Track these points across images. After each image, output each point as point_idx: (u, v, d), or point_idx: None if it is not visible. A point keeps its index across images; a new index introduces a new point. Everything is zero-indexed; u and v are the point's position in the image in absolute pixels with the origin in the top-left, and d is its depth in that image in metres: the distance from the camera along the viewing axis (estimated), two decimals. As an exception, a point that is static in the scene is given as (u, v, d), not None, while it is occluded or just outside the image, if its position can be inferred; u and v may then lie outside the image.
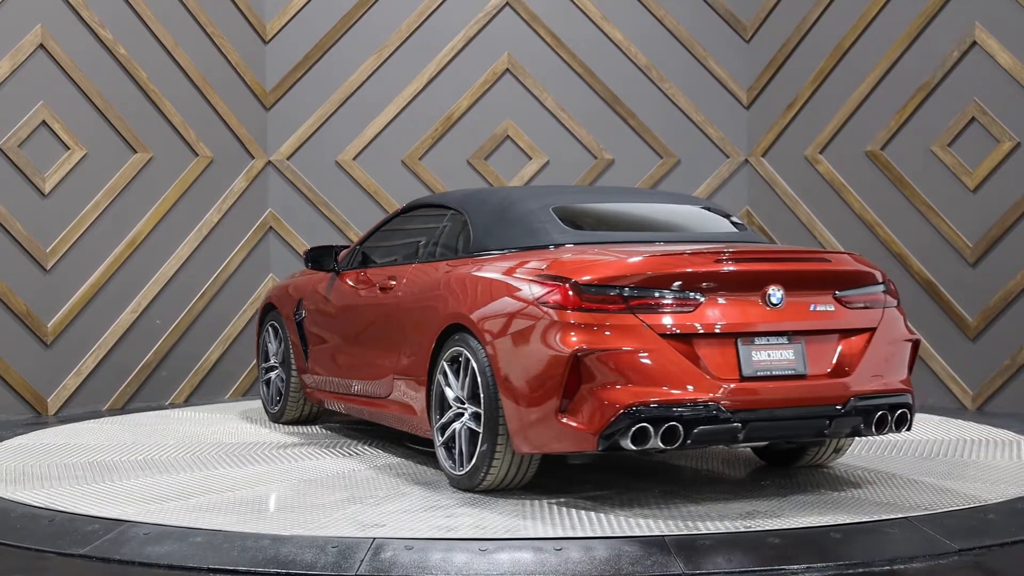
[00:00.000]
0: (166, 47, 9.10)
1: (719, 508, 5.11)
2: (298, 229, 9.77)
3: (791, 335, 5.10)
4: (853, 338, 5.22)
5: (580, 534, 4.66)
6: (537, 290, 5.10)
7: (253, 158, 9.69)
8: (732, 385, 4.92)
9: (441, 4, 9.79)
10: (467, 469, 5.41)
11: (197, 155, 9.28)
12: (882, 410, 5.15)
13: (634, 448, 4.83)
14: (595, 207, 6.21)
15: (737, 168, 9.89)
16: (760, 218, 9.80)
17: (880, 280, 5.39)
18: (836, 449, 5.90)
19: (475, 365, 5.31)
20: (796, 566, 4.28)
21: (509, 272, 5.37)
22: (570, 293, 4.98)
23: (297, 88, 9.79)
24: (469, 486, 5.43)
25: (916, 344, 5.44)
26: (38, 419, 8.19)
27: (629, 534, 4.66)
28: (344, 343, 6.87)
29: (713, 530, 4.71)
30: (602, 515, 4.98)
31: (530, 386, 5.02)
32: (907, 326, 5.45)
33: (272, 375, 7.87)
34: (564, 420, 4.93)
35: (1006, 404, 8.32)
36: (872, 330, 5.25)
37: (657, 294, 4.97)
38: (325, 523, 4.87)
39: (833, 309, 5.20)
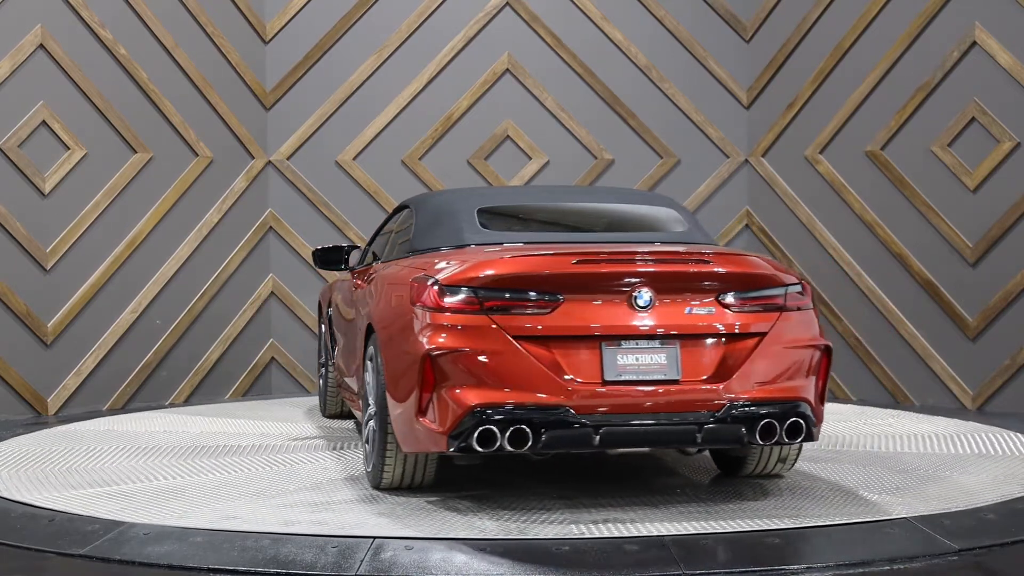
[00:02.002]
0: (166, 47, 9.10)
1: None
2: (298, 229, 9.78)
3: (664, 339, 4.91)
4: (740, 343, 4.98)
5: (578, 535, 4.66)
6: (413, 291, 5.12)
7: (253, 158, 9.69)
8: (587, 389, 4.80)
9: (441, 4, 9.79)
10: (371, 467, 5.50)
11: (197, 155, 9.28)
12: (767, 418, 4.88)
13: (482, 450, 4.77)
14: (528, 207, 6.21)
15: (737, 168, 9.89)
16: (760, 218, 9.80)
17: (777, 283, 5.10)
18: (781, 459, 5.62)
19: (377, 365, 5.40)
20: (796, 566, 4.28)
21: (402, 274, 5.42)
22: (435, 294, 4.96)
23: (297, 88, 9.80)
24: (375, 483, 5.49)
25: (825, 350, 5.15)
26: (38, 419, 8.19)
27: (629, 534, 4.66)
28: (343, 341, 6.97)
29: (713, 530, 4.71)
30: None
31: (400, 386, 5.07)
32: (817, 331, 5.17)
33: (323, 371, 8.13)
34: (422, 420, 4.92)
35: (1006, 404, 8.32)
36: (762, 334, 5.00)
37: (510, 295, 4.89)
38: (186, 513, 5.02)
39: (714, 312, 4.98)
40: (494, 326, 4.85)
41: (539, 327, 4.86)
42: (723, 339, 4.98)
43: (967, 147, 8.47)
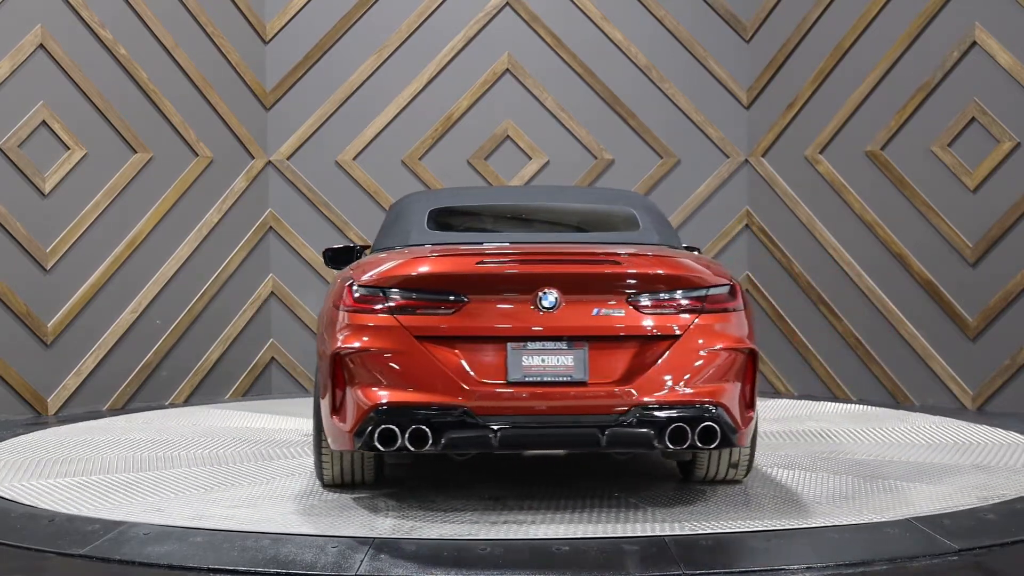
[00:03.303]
0: (166, 47, 9.10)
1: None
2: (298, 229, 9.78)
3: (572, 340, 4.87)
4: (652, 345, 4.89)
5: (579, 535, 4.67)
6: (336, 292, 5.21)
7: (253, 158, 9.69)
8: (487, 390, 4.80)
9: (441, 4, 9.79)
10: (314, 464, 5.61)
11: (197, 155, 9.29)
12: (677, 422, 4.79)
13: (383, 449, 4.83)
14: (484, 207, 6.23)
15: (737, 168, 9.89)
16: (760, 218, 9.79)
17: (695, 285, 4.98)
18: (732, 464, 5.49)
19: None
20: (796, 566, 4.28)
21: (343, 274, 5.49)
22: (350, 294, 5.02)
23: (297, 88, 9.80)
24: (321, 481, 5.57)
25: (750, 354, 5.00)
26: (38, 419, 8.19)
27: (629, 534, 4.66)
28: None
29: (713, 530, 4.71)
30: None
31: (322, 384, 5.16)
32: (744, 335, 5.01)
33: None
34: (334, 418, 5.00)
35: (1006, 404, 8.32)
36: (676, 337, 4.90)
37: (414, 296, 4.93)
38: (113, 504, 5.21)
39: (624, 314, 4.91)
40: (399, 326, 4.90)
41: (443, 327, 4.89)
42: (635, 341, 4.91)
43: (967, 147, 8.47)
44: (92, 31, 8.67)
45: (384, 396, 4.83)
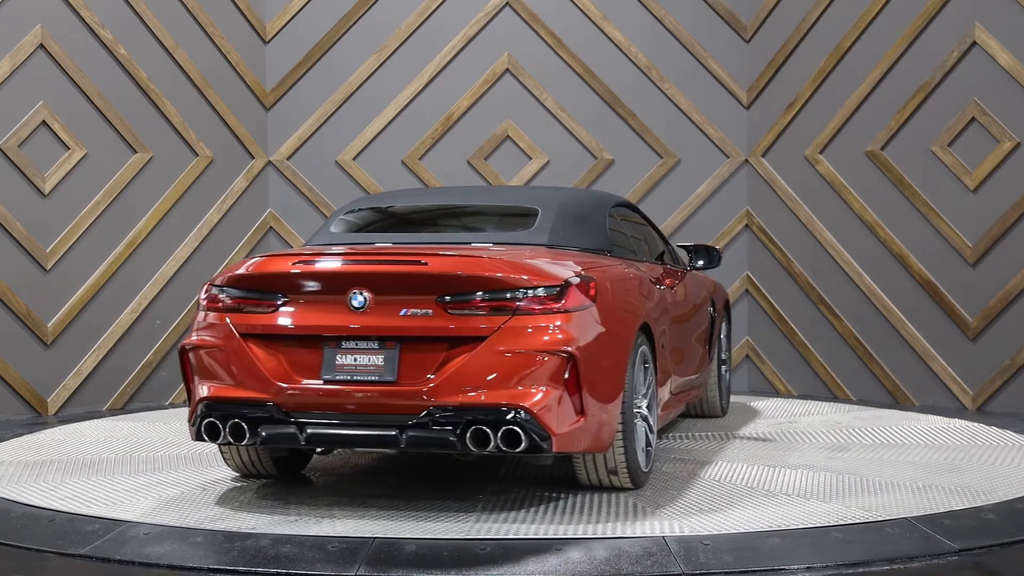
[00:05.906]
0: (166, 47, 9.10)
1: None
2: (298, 229, 9.78)
3: (383, 340, 4.92)
4: (460, 346, 4.85)
5: (580, 535, 4.67)
6: None
7: (253, 158, 9.69)
8: (296, 387, 4.95)
9: (441, 4, 9.79)
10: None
11: (197, 155, 9.29)
12: (477, 424, 4.74)
13: (209, 441, 5.09)
14: (392, 209, 6.34)
15: (737, 168, 9.89)
16: (760, 218, 9.79)
17: (506, 286, 4.88)
18: (609, 470, 5.30)
19: None
20: (796, 566, 4.29)
21: None
22: (203, 293, 5.31)
23: (297, 88, 9.80)
24: (232, 471, 5.82)
25: (569, 359, 4.81)
26: (38, 419, 8.19)
27: (629, 534, 4.66)
28: None
29: (713, 530, 4.71)
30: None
31: None
32: (563, 338, 4.83)
33: None
34: (189, 411, 5.23)
35: (1006, 404, 8.32)
36: (483, 338, 4.82)
37: (240, 295, 5.16)
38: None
39: (431, 314, 4.89)
40: (227, 324, 5.14)
41: (264, 326, 5.08)
42: (445, 343, 4.89)
43: (967, 147, 8.47)
44: (92, 31, 8.67)
45: (211, 391, 5.09)
